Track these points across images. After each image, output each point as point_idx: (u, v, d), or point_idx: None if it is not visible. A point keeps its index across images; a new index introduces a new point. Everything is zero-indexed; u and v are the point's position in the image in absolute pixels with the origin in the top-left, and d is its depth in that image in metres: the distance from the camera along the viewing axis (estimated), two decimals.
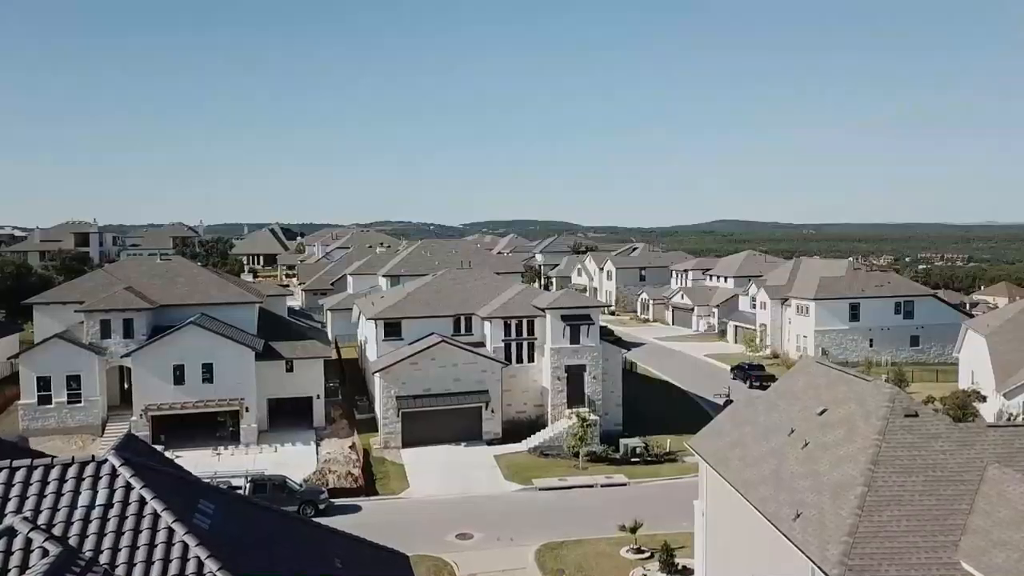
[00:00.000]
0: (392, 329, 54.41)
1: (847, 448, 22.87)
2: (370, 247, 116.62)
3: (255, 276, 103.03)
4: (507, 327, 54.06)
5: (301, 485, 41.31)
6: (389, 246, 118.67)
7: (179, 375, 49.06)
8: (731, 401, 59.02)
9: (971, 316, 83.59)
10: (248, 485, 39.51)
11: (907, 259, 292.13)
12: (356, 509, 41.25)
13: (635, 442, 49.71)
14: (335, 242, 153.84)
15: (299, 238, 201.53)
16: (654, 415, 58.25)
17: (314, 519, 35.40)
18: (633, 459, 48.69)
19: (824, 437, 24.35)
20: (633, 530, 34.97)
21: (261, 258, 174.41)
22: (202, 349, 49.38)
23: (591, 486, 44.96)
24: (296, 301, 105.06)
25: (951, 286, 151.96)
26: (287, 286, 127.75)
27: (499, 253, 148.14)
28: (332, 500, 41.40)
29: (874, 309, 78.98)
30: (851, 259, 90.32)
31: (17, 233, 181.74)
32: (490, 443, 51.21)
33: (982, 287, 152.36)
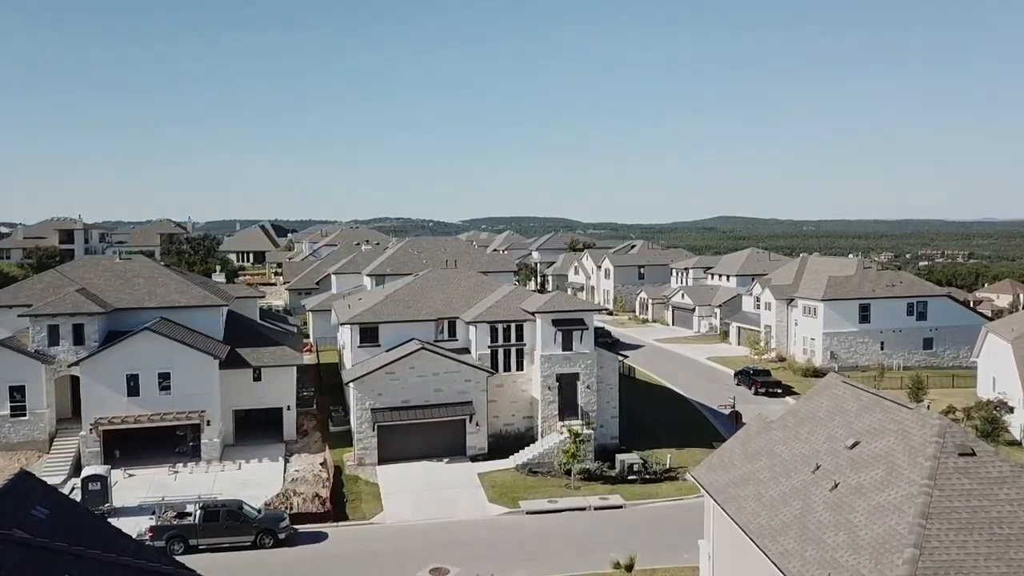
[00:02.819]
0: (368, 334, 50.13)
1: (889, 494, 18.71)
2: (357, 244, 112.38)
3: (232, 277, 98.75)
4: (494, 332, 49.80)
5: (259, 511, 36.99)
6: (378, 243, 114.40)
7: (133, 385, 44.75)
8: (736, 411, 55.16)
9: (985, 317, 79.61)
10: (198, 512, 35.32)
11: (907, 256, 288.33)
12: (322, 537, 37.09)
13: (632, 458, 45.54)
14: (323, 239, 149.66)
15: (289, 235, 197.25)
16: (654, 426, 54.15)
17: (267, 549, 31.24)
18: (630, 477, 44.56)
19: (858, 477, 20.20)
20: (628, 567, 30.86)
21: (251, 255, 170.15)
22: (158, 357, 45.09)
23: (584, 508, 40.84)
24: (280, 301, 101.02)
25: (954, 284, 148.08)
26: (273, 284, 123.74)
27: (494, 251, 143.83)
28: (295, 527, 37.17)
29: (885, 310, 74.63)
30: (859, 257, 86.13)
31: (3, 230, 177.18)
32: (474, 459, 46.98)
33: (985, 284, 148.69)
